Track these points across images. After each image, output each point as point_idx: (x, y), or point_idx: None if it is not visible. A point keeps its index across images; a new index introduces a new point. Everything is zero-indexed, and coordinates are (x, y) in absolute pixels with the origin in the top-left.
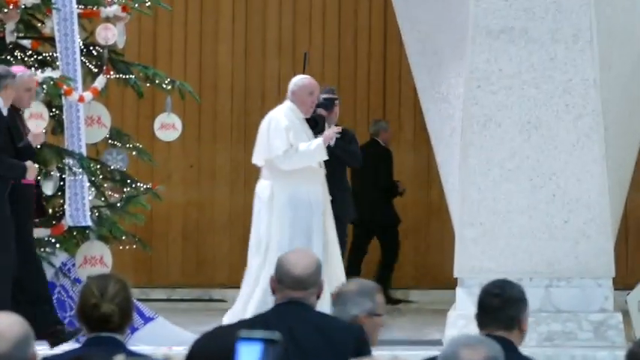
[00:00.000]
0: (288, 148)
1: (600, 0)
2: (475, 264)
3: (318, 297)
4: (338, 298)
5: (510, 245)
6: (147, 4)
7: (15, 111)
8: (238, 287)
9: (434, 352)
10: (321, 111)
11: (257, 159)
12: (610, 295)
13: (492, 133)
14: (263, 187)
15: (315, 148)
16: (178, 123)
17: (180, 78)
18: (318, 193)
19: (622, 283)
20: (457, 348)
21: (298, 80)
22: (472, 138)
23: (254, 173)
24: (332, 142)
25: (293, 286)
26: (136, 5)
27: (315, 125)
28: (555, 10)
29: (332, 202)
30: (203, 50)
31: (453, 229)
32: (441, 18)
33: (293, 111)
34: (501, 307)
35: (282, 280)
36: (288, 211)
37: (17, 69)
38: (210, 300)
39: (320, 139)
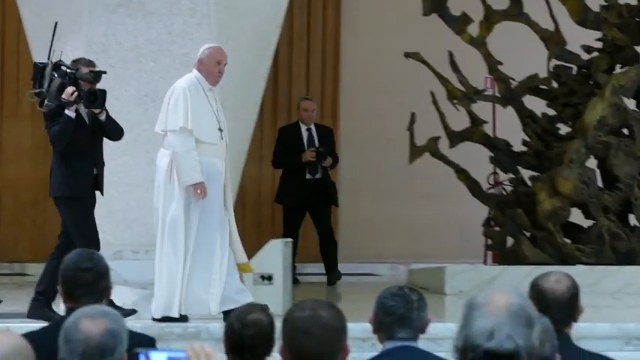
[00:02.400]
0: (184, 126)
1: None
2: None
3: None
4: None
5: (128, 218)
6: None
7: None
8: None
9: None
10: (85, 85)
11: (158, 127)
12: None
13: (110, 107)
14: (162, 156)
15: (186, 175)
16: None
17: None
18: (217, 165)
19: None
20: (78, 319)
21: (205, 49)
22: None
23: None
24: (102, 117)
25: None
26: None
27: (95, 99)
28: None
29: (97, 176)
30: None
31: None
32: None
33: (199, 81)
34: (94, 281)
35: None
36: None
37: None
38: None
39: (199, 178)
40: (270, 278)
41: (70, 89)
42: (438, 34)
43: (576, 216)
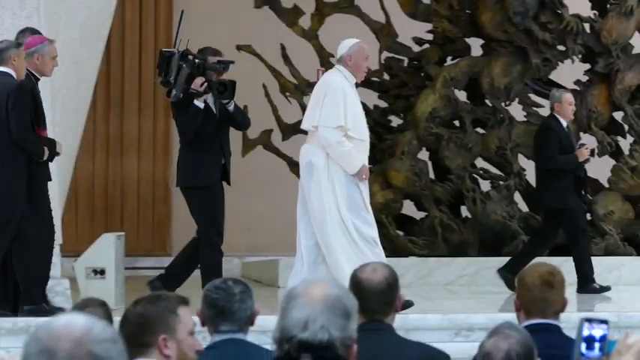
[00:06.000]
0: (343, 125)
1: None
2: None
3: None
4: None
5: None
6: None
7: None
8: None
9: None
10: (212, 75)
11: (307, 123)
12: (57, 261)
13: None
14: (310, 153)
15: (352, 163)
16: None
17: None
18: (366, 162)
19: (71, 250)
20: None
21: (353, 44)
22: None
23: None
24: (231, 108)
25: None
26: None
27: (225, 90)
28: None
29: (224, 165)
30: None
31: None
32: None
33: (346, 78)
34: None
35: None
36: (346, 181)
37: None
38: None
39: (360, 163)
40: (102, 272)
41: (199, 80)
42: (269, 26)
43: (408, 208)
